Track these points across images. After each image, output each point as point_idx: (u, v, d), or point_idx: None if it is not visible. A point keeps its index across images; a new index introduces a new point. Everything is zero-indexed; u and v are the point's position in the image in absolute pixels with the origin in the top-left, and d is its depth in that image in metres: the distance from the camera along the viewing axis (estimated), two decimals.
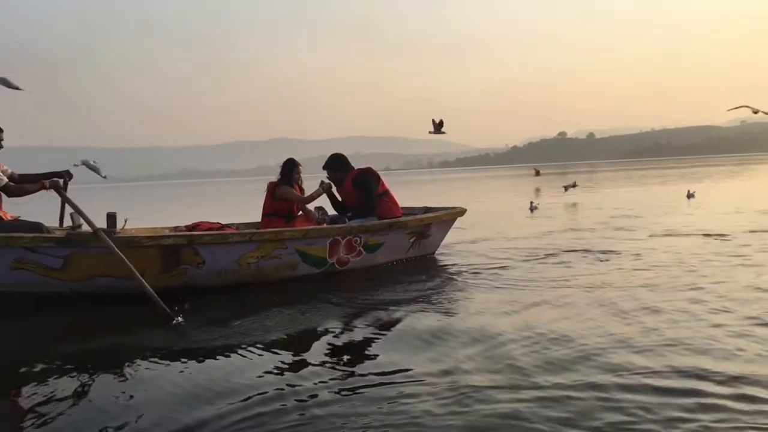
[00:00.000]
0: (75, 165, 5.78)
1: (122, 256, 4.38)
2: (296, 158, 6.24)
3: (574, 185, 16.11)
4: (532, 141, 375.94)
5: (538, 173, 23.83)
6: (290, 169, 6.08)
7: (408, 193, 24.86)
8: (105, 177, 6.28)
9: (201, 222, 5.83)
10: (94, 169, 6.02)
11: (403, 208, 6.65)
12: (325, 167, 6.36)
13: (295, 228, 5.60)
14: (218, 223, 5.89)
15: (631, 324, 3.65)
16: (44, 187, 4.88)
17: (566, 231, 8.63)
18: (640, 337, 3.38)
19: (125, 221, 5.04)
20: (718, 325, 3.54)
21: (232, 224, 6.29)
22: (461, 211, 6.90)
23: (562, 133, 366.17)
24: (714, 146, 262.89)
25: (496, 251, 6.78)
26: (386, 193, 6.32)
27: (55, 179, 5.00)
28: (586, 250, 6.55)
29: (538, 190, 15.37)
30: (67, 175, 5.13)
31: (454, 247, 7.18)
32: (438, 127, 8.49)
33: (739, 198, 13.98)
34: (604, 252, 6.40)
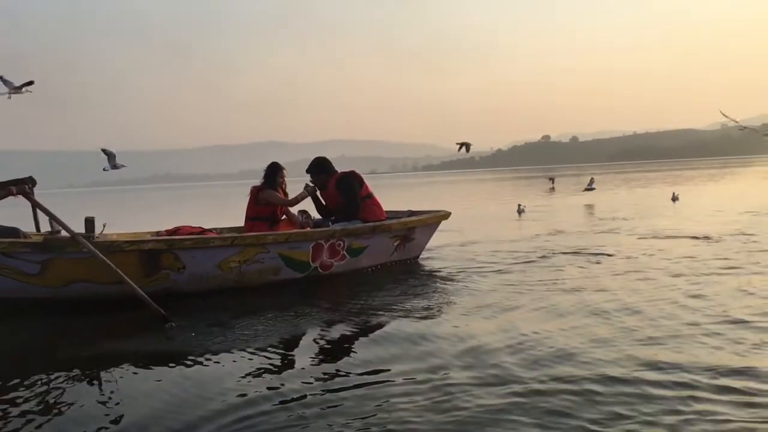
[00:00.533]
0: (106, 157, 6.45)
1: (106, 260, 4.32)
2: (281, 162, 6.20)
3: (591, 186, 15.70)
4: (517, 144, 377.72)
5: (552, 181, 24.52)
6: (274, 172, 6.02)
7: (395, 196, 24.87)
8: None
9: (182, 226, 5.68)
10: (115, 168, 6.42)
11: (387, 211, 6.62)
12: (308, 171, 6.30)
13: (278, 232, 5.54)
14: (200, 227, 5.74)
15: (613, 324, 3.69)
16: (11, 194, 4.74)
17: (553, 234, 8.66)
18: (623, 336, 3.43)
19: (104, 226, 4.97)
20: (697, 324, 3.62)
21: (215, 229, 6.22)
22: (445, 215, 6.87)
23: (546, 137, 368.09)
24: (695, 149, 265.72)
25: (482, 255, 6.78)
26: (370, 196, 6.28)
27: (21, 185, 4.86)
28: (573, 253, 6.58)
29: (552, 189, 15.21)
30: (30, 182, 4.98)
31: (440, 250, 7.18)
32: (464, 146, 9.25)
33: (722, 200, 14.08)
34: (592, 254, 6.44)
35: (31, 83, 6.07)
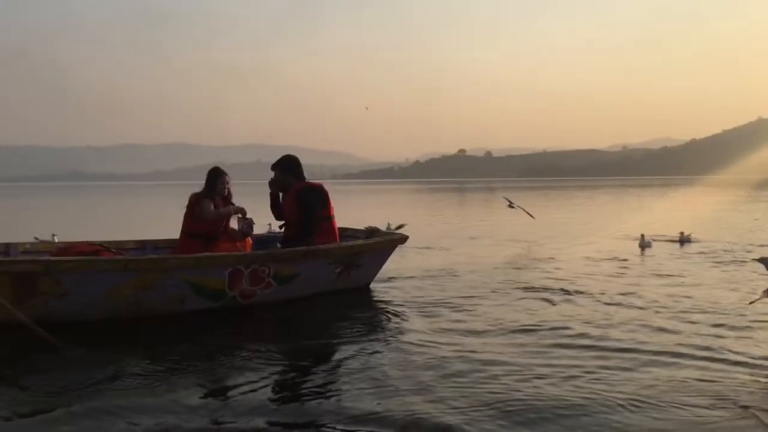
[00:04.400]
0: None
1: None
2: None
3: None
4: (434, 157, 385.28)
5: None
6: (213, 179, 5.29)
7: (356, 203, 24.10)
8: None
9: (77, 243, 5.03)
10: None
11: (345, 228, 5.98)
12: (274, 167, 5.51)
13: (182, 255, 4.75)
14: (100, 245, 4.99)
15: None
16: None
17: (525, 256, 8.20)
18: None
19: None
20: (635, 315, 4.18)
21: (152, 241, 5.69)
22: (401, 239, 5.96)
23: (462, 151, 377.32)
24: (599, 169, 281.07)
25: (449, 281, 6.02)
26: (329, 218, 5.45)
27: None
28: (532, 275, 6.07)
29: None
30: None
31: (402, 273, 6.36)
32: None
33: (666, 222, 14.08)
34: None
35: None
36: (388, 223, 9.75)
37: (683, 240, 8.87)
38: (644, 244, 8.28)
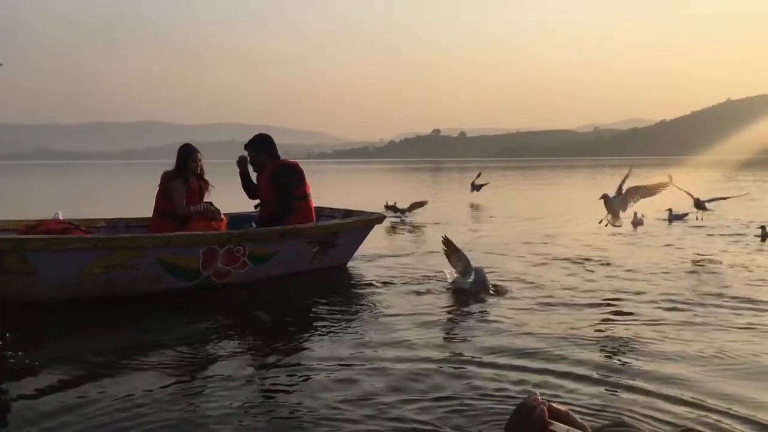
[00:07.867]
0: None
1: None
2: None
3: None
4: (408, 137, 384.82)
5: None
6: (185, 156, 5.10)
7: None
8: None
9: (45, 221, 4.81)
10: None
11: (322, 208, 5.94)
12: (247, 145, 5.38)
13: (154, 234, 4.61)
14: (69, 223, 4.77)
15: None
16: None
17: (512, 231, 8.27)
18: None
19: None
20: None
21: (124, 219, 5.56)
22: (378, 218, 5.92)
23: (437, 131, 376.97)
24: (571, 149, 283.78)
25: (425, 258, 5.97)
26: (306, 197, 5.37)
27: None
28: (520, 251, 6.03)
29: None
30: None
31: (384, 252, 6.32)
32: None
33: None
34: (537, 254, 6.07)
35: None
36: (387, 202, 10.14)
37: (673, 217, 9.12)
38: (636, 222, 8.49)
